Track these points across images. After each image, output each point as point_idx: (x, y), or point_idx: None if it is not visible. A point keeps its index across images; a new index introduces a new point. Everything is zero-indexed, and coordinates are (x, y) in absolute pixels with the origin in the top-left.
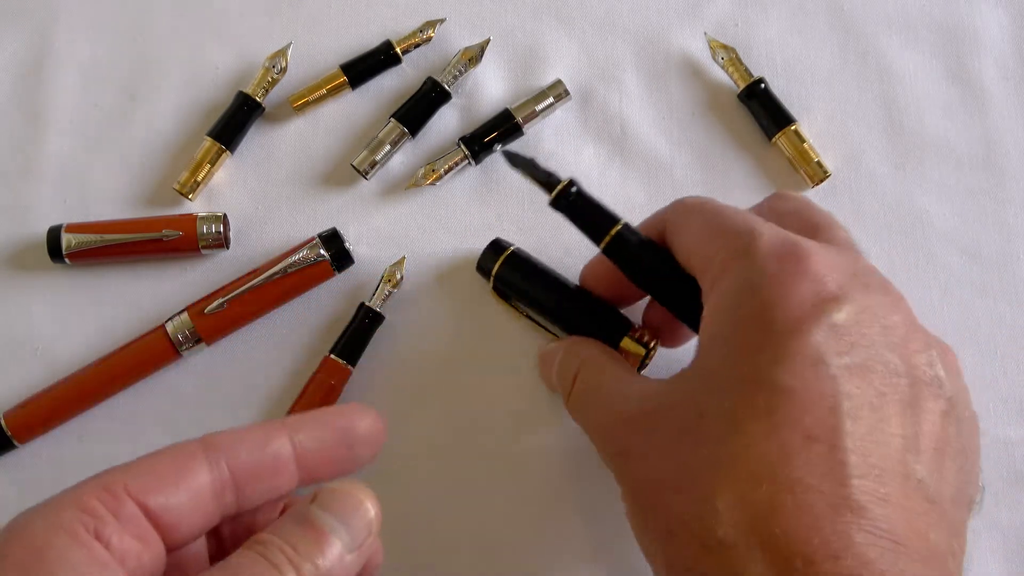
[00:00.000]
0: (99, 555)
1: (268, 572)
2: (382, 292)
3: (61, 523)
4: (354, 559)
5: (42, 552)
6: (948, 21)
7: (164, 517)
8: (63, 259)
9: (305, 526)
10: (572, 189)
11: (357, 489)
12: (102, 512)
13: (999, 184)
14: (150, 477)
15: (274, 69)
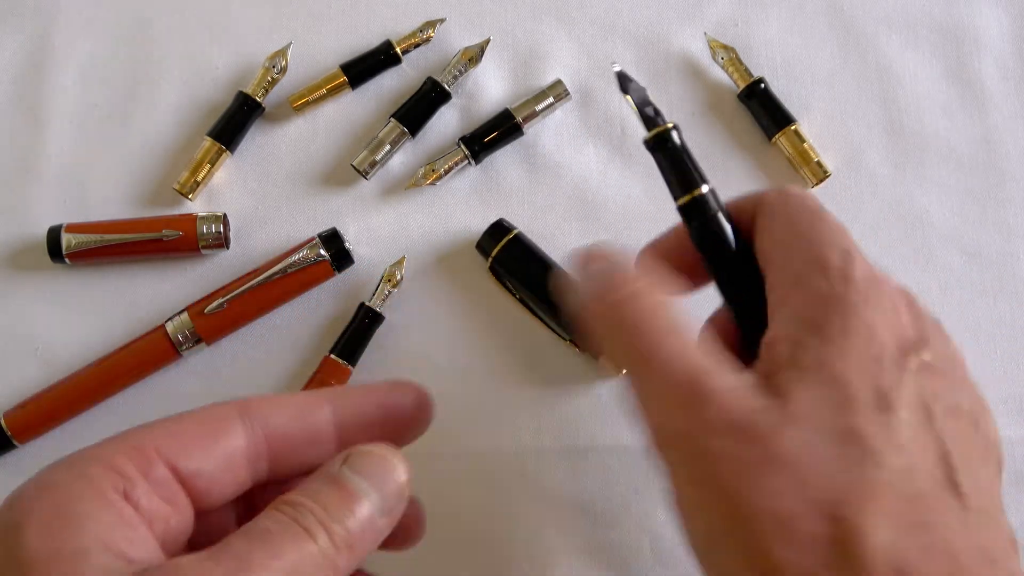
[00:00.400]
0: (128, 516)
1: (299, 535)
2: (382, 292)
3: (90, 482)
4: (385, 524)
5: (70, 511)
6: (948, 21)
7: (194, 481)
8: (63, 259)
9: (336, 487)
10: (673, 135)
11: (390, 452)
12: (132, 473)
13: (999, 184)
14: (182, 440)
15: (274, 69)
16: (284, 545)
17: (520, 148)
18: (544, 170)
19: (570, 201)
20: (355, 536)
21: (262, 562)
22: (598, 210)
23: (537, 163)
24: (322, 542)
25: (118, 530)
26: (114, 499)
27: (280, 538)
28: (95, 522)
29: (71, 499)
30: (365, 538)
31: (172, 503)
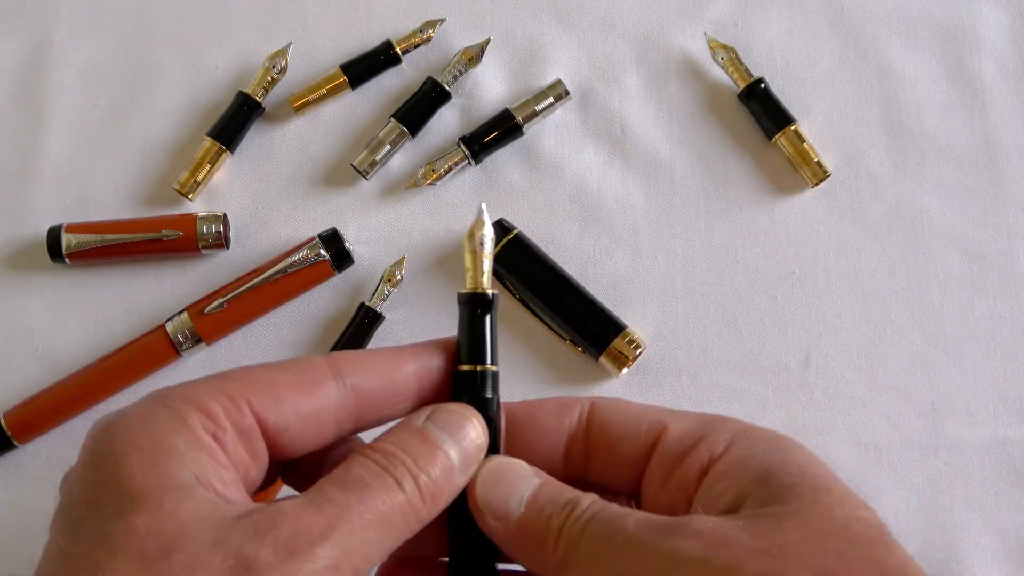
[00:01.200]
0: (220, 458)
1: (390, 485)
2: (382, 292)
3: (184, 421)
4: (462, 481)
5: (169, 444)
6: (948, 21)
7: (280, 438)
8: (63, 259)
9: (421, 439)
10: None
11: (470, 412)
12: (223, 420)
13: (999, 184)
14: (275, 394)
15: (274, 69)
16: (377, 494)
17: (520, 148)
18: (544, 170)
19: (570, 201)
20: (439, 488)
21: (359, 513)
22: (598, 210)
23: (537, 163)
24: (410, 491)
25: (211, 470)
26: (206, 439)
27: (373, 488)
28: (191, 459)
29: (170, 434)
30: (445, 492)
31: (254, 455)
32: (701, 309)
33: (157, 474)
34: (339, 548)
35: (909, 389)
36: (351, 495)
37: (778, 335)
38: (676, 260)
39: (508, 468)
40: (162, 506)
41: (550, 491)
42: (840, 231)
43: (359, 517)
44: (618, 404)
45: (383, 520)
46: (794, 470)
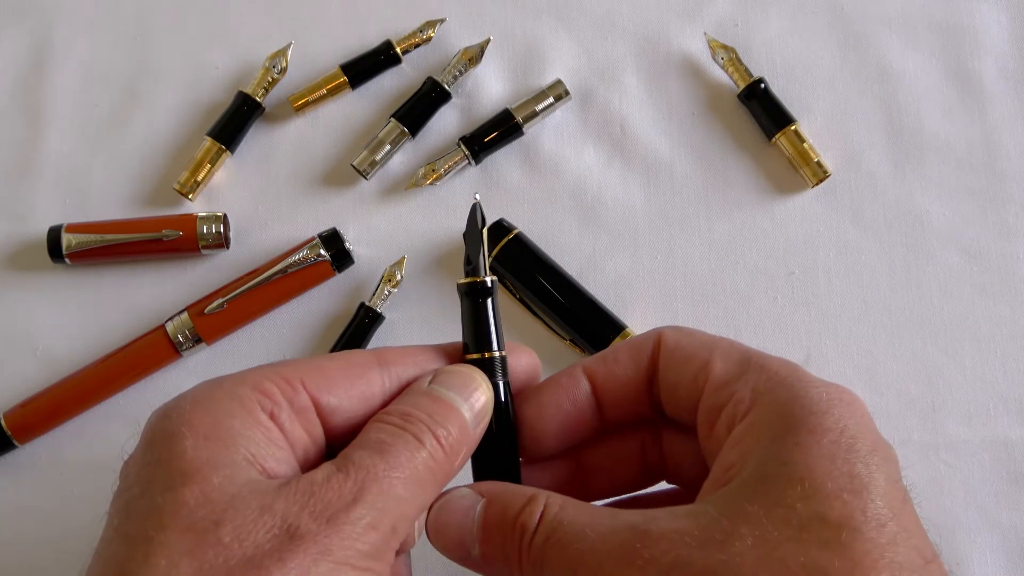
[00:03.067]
0: (274, 436)
1: (411, 443)
2: (382, 292)
3: (241, 401)
4: (477, 436)
5: (224, 426)
6: (948, 21)
7: (333, 417)
8: (63, 259)
9: (431, 399)
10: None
11: (473, 370)
12: (278, 398)
13: (999, 184)
14: (327, 377)
15: (274, 69)
16: (400, 453)
17: (520, 148)
18: (544, 170)
19: (570, 201)
20: (457, 441)
21: (385, 472)
22: (598, 210)
23: (537, 163)
24: (430, 446)
25: (264, 447)
26: (262, 418)
27: (395, 447)
28: (245, 439)
29: (226, 415)
30: (464, 445)
31: (311, 434)
32: (701, 309)
33: (209, 452)
34: (373, 509)
35: (909, 389)
36: (375, 457)
37: (778, 335)
38: (676, 260)
39: (449, 510)
40: (211, 481)
41: (496, 511)
42: (840, 231)
43: (387, 477)
44: (679, 339)
45: (411, 477)
46: (784, 454)
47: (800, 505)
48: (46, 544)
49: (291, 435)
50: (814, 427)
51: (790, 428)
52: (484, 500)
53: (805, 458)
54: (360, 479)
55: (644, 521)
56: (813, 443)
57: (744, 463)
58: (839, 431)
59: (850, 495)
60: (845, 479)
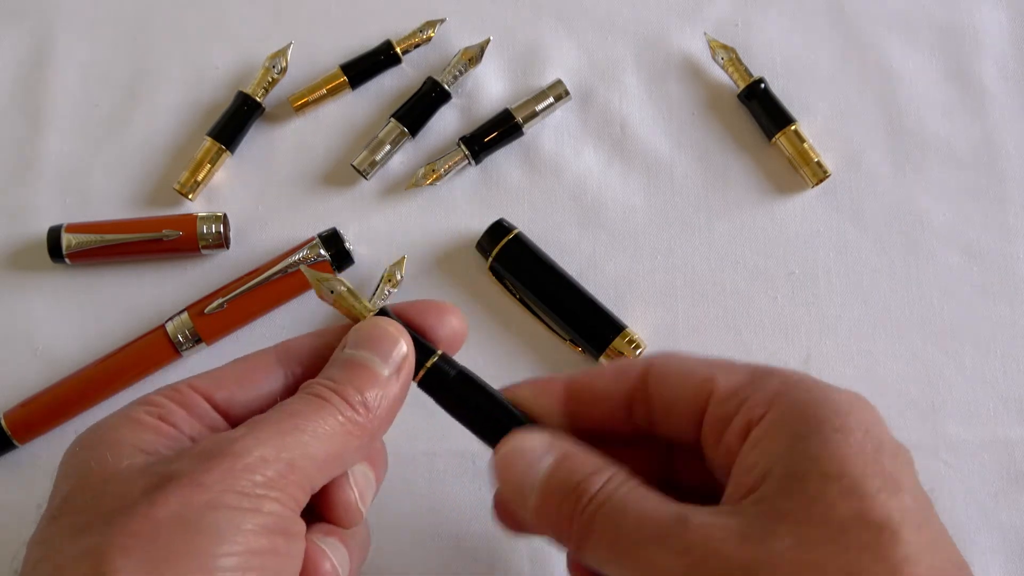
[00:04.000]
0: (165, 430)
1: (316, 403)
2: (382, 292)
3: (126, 415)
4: (397, 385)
5: (109, 436)
6: (948, 21)
7: (233, 409)
8: (63, 259)
9: (342, 364)
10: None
11: (386, 323)
12: (165, 403)
13: (999, 184)
14: (215, 377)
15: (274, 69)
16: (302, 407)
17: (520, 148)
18: (544, 170)
19: (570, 201)
20: (370, 397)
21: (282, 419)
22: (598, 210)
23: (537, 163)
24: (337, 404)
25: (157, 441)
26: (150, 422)
27: (296, 404)
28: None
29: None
30: (382, 399)
31: (213, 428)
32: (701, 309)
33: (92, 455)
34: (264, 444)
35: (909, 389)
36: (283, 417)
37: (778, 335)
38: (676, 260)
39: (520, 454)
40: (91, 472)
41: (562, 473)
42: (840, 231)
43: (284, 422)
44: (672, 362)
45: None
46: (813, 450)
47: (840, 503)
48: None
49: (191, 432)
50: (840, 426)
51: (815, 427)
52: (556, 456)
53: (839, 454)
54: (252, 424)
55: (687, 511)
56: (843, 441)
57: (768, 463)
58: (864, 431)
59: (887, 495)
60: (880, 479)
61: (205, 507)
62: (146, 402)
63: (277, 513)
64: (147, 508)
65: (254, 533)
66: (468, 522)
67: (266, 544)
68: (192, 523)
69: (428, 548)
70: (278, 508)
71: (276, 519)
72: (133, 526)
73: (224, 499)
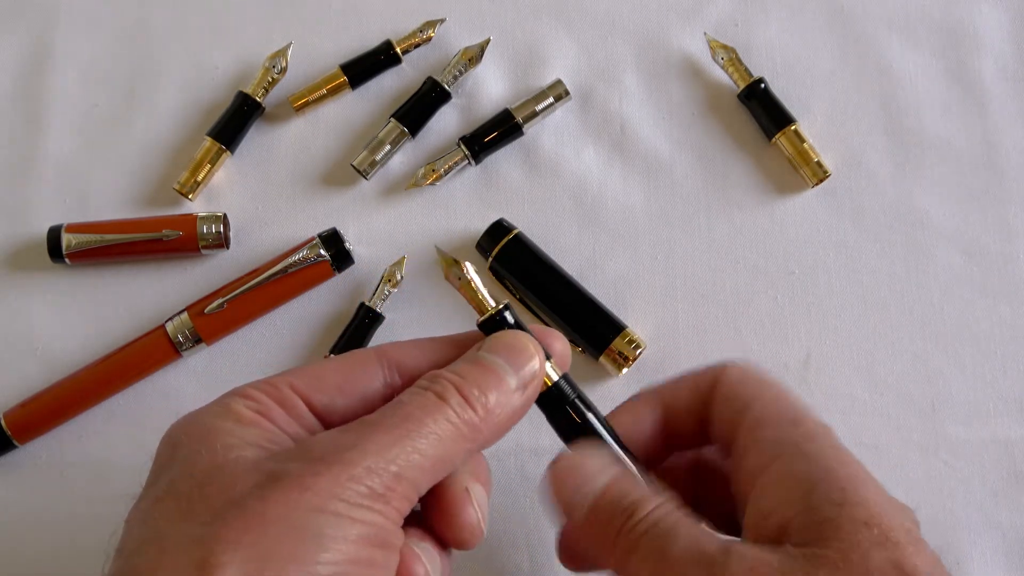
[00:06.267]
0: (267, 427)
1: (430, 400)
2: (382, 292)
3: (227, 408)
4: (521, 398)
5: (213, 425)
6: (948, 21)
7: (331, 415)
8: (63, 259)
9: (473, 364)
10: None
11: (525, 337)
12: (265, 400)
13: (999, 184)
14: (316, 377)
15: (274, 69)
16: (415, 408)
17: (520, 148)
18: (544, 170)
19: (570, 201)
20: (492, 402)
21: (394, 424)
22: (598, 210)
23: (537, 163)
24: (455, 403)
25: (260, 436)
26: (252, 416)
27: (411, 403)
28: (236, 432)
29: (213, 418)
30: (502, 407)
31: (310, 431)
32: (701, 309)
33: (199, 444)
34: (371, 453)
35: (909, 389)
36: (385, 412)
37: (778, 335)
38: (676, 260)
39: (578, 466)
40: (199, 458)
41: (615, 492)
42: (840, 231)
43: (395, 428)
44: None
45: (427, 430)
46: (836, 494)
47: (874, 552)
48: (46, 544)
49: (289, 431)
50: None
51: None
52: (612, 476)
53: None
54: (362, 430)
55: (732, 545)
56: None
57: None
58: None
59: (914, 548)
60: (903, 530)
61: (312, 511)
62: (244, 395)
63: (379, 525)
64: (258, 504)
65: (355, 543)
66: None
67: (365, 555)
68: (298, 525)
69: None
70: (381, 520)
71: (378, 530)
72: (242, 521)
73: (330, 506)
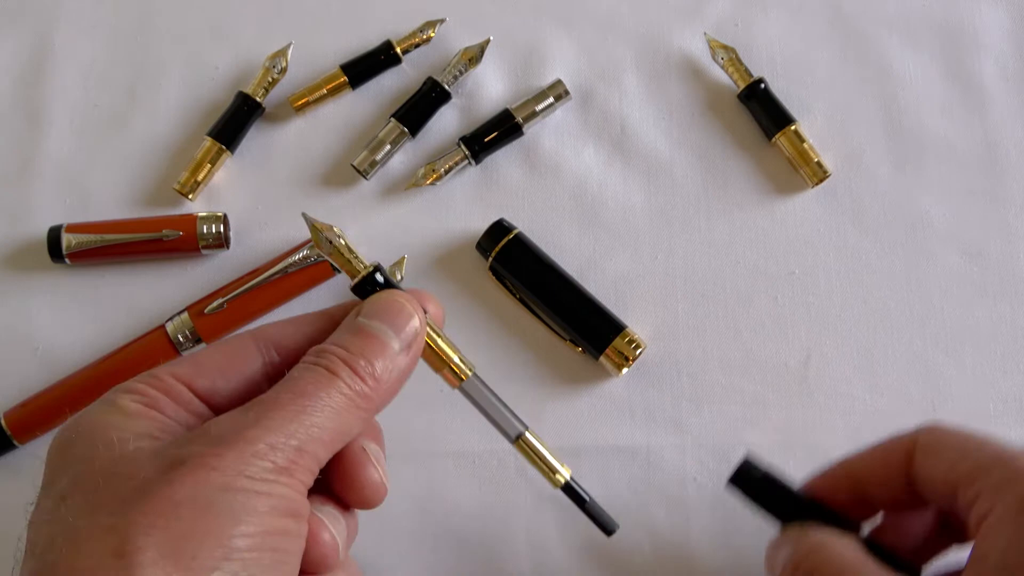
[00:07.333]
0: (157, 418)
1: (322, 374)
2: None
3: (114, 404)
4: (406, 359)
5: (102, 421)
6: (948, 21)
7: (215, 397)
8: (63, 259)
9: (354, 332)
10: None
11: (399, 295)
12: (151, 392)
13: (999, 184)
14: (194, 364)
15: (274, 69)
16: (308, 384)
17: (520, 148)
18: (544, 170)
19: (570, 201)
20: (379, 370)
21: (290, 400)
22: (598, 210)
23: (537, 163)
24: (346, 376)
25: (150, 427)
26: (139, 409)
27: (303, 379)
28: (127, 425)
29: (103, 416)
30: (389, 373)
31: (199, 416)
32: (701, 309)
33: (93, 439)
34: (273, 431)
35: (909, 389)
36: (279, 389)
37: (778, 335)
38: (676, 260)
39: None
40: (99, 455)
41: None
42: (840, 231)
43: (291, 403)
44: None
45: (322, 404)
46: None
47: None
48: None
49: (177, 419)
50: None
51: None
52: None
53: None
54: (260, 408)
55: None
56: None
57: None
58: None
59: None
60: None
61: (220, 489)
62: (128, 390)
63: (288, 496)
64: (166, 488)
65: (267, 514)
66: (468, 522)
67: (279, 525)
68: (208, 504)
69: (428, 549)
70: (288, 491)
71: (287, 502)
72: (152, 505)
73: (237, 483)
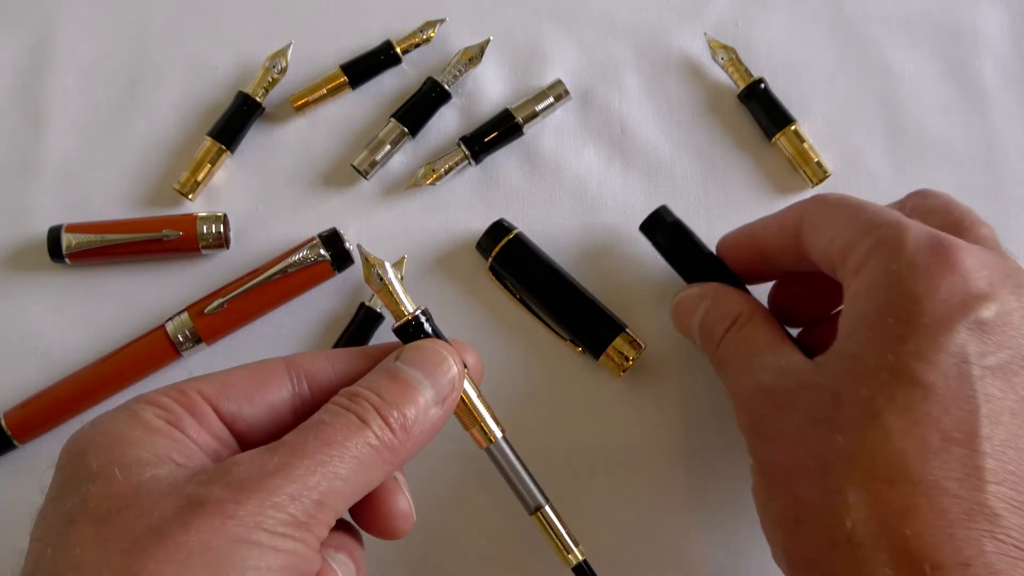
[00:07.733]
0: (178, 438)
1: (352, 422)
2: None
3: (137, 416)
4: (439, 412)
5: (124, 436)
6: (948, 21)
7: (238, 423)
8: (63, 259)
9: (389, 378)
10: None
11: (441, 346)
12: (175, 408)
13: (999, 184)
14: (224, 385)
15: (274, 69)
16: (338, 432)
17: (520, 148)
18: (544, 170)
19: (570, 201)
20: (410, 421)
21: (317, 448)
22: (598, 210)
23: (537, 163)
24: (376, 427)
25: (171, 448)
26: (162, 426)
27: (333, 427)
28: (148, 443)
29: (125, 426)
30: (420, 425)
31: (219, 439)
32: None
33: (111, 456)
34: (295, 481)
35: None
36: (308, 434)
37: None
38: None
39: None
40: (115, 477)
41: (708, 323)
42: None
43: (318, 453)
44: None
45: (349, 457)
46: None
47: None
48: None
49: (199, 441)
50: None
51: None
52: (706, 305)
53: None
54: (285, 455)
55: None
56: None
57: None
58: None
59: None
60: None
61: (235, 540)
62: (153, 403)
63: (300, 554)
64: (180, 533)
65: (279, 573)
66: (468, 522)
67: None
68: (222, 557)
69: (428, 548)
70: (302, 548)
71: (298, 560)
72: (166, 551)
73: (253, 536)
